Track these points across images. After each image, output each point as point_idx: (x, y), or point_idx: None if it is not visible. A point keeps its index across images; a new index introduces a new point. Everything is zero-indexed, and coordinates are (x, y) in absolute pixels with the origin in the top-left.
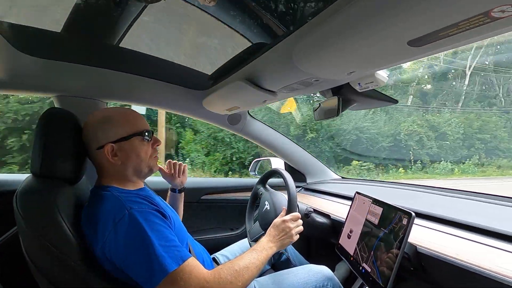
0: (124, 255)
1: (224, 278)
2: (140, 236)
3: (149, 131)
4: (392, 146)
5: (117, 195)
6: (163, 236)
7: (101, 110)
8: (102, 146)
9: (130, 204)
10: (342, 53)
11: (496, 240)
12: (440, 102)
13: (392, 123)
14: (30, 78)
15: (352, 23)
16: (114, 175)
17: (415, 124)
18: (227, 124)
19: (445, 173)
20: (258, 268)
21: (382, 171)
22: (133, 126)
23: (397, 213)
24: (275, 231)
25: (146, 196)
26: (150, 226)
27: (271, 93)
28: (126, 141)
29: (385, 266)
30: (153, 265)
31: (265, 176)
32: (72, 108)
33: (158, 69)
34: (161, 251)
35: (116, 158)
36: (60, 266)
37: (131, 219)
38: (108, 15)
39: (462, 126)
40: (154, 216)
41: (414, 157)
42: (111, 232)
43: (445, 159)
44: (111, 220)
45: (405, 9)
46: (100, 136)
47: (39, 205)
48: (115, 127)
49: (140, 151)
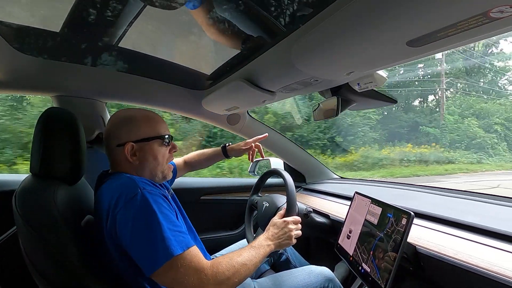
0: (131, 233)
1: (222, 273)
2: (150, 216)
3: (170, 136)
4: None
5: (131, 176)
6: (171, 220)
7: (126, 110)
8: (123, 144)
9: (143, 185)
10: (341, 53)
11: (495, 240)
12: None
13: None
14: (29, 78)
15: (351, 23)
16: (129, 172)
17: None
18: (226, 124)
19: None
20: (256, 265)
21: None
22: (155, 129)
23: (397, 213)
24: (275, 229)
25: (158, 185)
26: (160, 209)
27: (270, 93)
28: (146, 143)
29: (384, 266)
30: (158, 246)
31: (257, 185)
32: (71, 108)
33: (157, 69)
34: (169, 234)
35: (135, 158)
36: (58, 266)
37: (142, 198)
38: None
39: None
40: (163, 201)
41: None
42: (121, 208)
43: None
44: (123, 196)
45: (404, 10)
46: (122, 134)
47: (38, 205)
48: (138, 127)
49: (158, 154)
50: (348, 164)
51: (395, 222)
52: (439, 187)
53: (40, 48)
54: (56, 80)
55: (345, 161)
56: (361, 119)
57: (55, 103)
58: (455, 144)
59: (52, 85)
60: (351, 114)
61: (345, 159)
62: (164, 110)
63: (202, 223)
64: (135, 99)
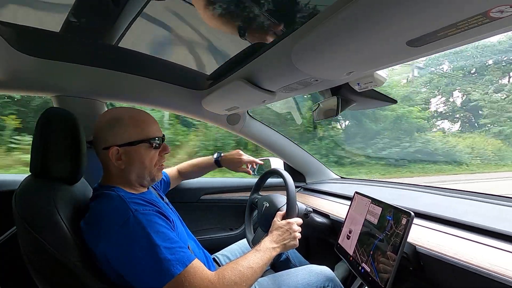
0: (127, 259)
1: (229, 279)
2: (145, 239)
3: (160, 138)
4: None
5: (122, 195)
6: (168, 238)
7: (114, 109)
8: (108, 147)
9: (134, 206)
10: (340, 53)
11: (495, 240)
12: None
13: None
14: (29, 78)
15: (351, 23)
16: (118, 177)
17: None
18: (226, 124)
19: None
20: (262, 268)
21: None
22: (142, 131)
23: (397, 213)
24: (279, 232)
25: (150, 199)
26: (154, 229)
27: (270, 93)
28: (132, 147)
29: (384, 266)
30: (157, 269)
31: (258, 184)
32: (71, 108)
33: (157, 69)
34: (166, 253)
35: (120, 162)
36: (58, 267)
37: (135, 221)
38: (107, 15)
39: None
40: (158, 218)
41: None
42: (114, 234)
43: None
44: (115, 222)
45: (404, 9)
46: (108, 136)
47: (37, 206)
48: (124, 130)
49: (145, 159)
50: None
51: (395, 222)
52: (439, 187)
53: (40, 48)
54: (56, 80)
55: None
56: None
57: (55, 103)
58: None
59: (52, 85)
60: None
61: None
62: (164, 110)
63: (202, 223)
64: (135, 99)
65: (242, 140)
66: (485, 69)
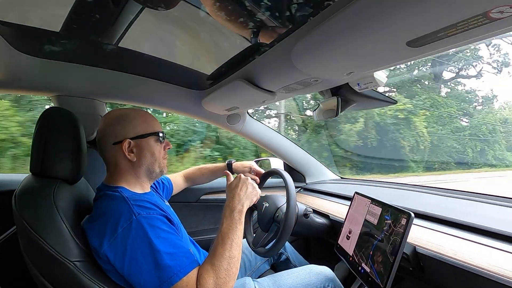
0: (128, 261)
1: (217, 266)
2: (146, 244)
3: (163, 133)
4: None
5: (126, 197)
6: (171, 243)
7: (118, 109)
8: (119, 141)
9: (138, 209)
10: (340, 53)
11: (494, 240)
12: None
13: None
14: (29, 78)
15: (351, 23)
16: (126, 174)
17: None
18: (226, 124)
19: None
20: (241, 231)
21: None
22: (150, 126)
23: (396, 214)
24: (238, 190)
25: (154, 201)
26: (157, 234)
27: (270, 93)
28: (143, 139)
29: (384, 266)
30: (157, 275)
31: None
32: (71, 108)
33: (157, 69)
34: (167, 259)
35: (132, 155)
36: (58, 267)
37: (138, 226)
38: (107, 15)
39: None
40: (162, 223)
41: None
42: (117, 237)
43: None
44: (118, 224)
45: (404, 10)
46: (118, 131)
47: (38, 205)
48: (134, 124)
49: (155, 150)
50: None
51: (394, 222)
52: (439, 187)
53: (40, 48)
54: (56, 80)
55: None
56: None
57: (55, 103)
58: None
59: (52, 85)
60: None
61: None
62: (164, 110)
63: (202, 223)
64: (135, 99)
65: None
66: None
